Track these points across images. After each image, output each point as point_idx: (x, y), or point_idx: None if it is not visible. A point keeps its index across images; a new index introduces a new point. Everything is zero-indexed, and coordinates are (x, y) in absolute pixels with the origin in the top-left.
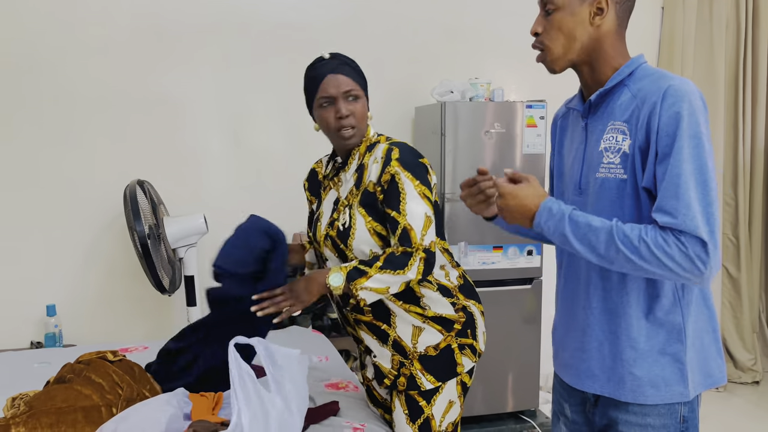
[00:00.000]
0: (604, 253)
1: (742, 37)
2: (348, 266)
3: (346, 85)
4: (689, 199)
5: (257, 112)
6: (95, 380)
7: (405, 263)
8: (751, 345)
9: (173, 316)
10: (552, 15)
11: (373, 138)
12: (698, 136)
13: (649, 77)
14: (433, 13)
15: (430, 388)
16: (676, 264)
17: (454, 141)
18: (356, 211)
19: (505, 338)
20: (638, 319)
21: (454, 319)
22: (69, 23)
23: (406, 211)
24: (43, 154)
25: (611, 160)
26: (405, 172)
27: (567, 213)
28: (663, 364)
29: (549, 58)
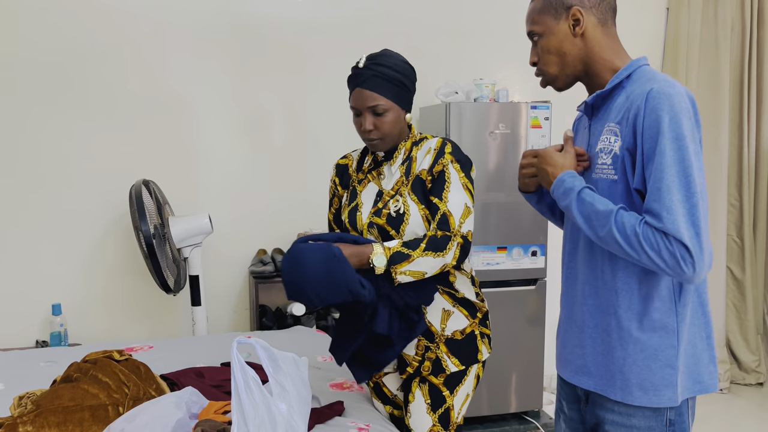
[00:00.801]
0: (601, 234)
1: (747, 38)
2: (392, 247)
3: (371, 100)
4: (671, 202)
5: (264, 112)
6: (102, 379)
7: (444, 245)
8: (755, 346)
9: (178, 315)
10: (539, 42)
11: (418, 135)
12: (680, 137)
13: (642, 79)
14: (438, 14)
15: (454, 371)
16: (662, 260)
17: (459, 142)
18: (408, 198)
19: (509, 339)
20: (629, 320)
21: (478, 306)
22: (76, 23)
23: (447, 198)
24: (49, 153)
25: (604, 161)
26: (455, 164)
27: (577, 189)
28: (653, 368)
29: (549, 79)
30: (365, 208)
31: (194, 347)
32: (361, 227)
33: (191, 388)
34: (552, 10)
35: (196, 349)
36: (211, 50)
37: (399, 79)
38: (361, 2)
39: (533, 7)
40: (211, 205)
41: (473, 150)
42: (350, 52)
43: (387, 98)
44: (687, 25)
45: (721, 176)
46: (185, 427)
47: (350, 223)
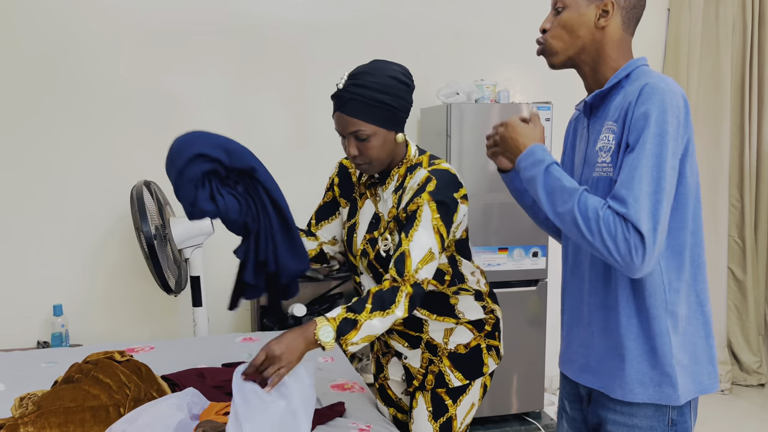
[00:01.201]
0: (560, 210)
1: (749, 38)
2: (337, 317)
3: (351, 125)
4: (639, 192)
5: (264, 113)
6: (103, 380)
7: (392, 300)
8: (756, 347)
9: (179, 316)
10: (561, 13)
11: (414, 158)
12: (663, 134)
13: (640, 77)
14: (439, 15)
15: (457, 385)
16: (615, 247)
17: (460, 142)
18: (398, 237)
19: (510, 340)
20: (628, 317)
21: (486, 320)
22: (75, 21)
23: (413, 237)
24: (50, 155)
25: (604, 159)
26: (431, 204)
27: (547, 162)
28: (652, 363)
29: (548, 50)
30: (361, 229)
31: (195, 348)
32: (356, 252)
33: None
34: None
35: (197, 349)
36: (211, 51)
37: (382, 101)
38: (361, 3)
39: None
40: None
41: (474, 151)
42: (350, 53)
43: (369, 123)
44: (688, 26)
45: (722, 177)
46: (186, 428)
47: (347, 243)
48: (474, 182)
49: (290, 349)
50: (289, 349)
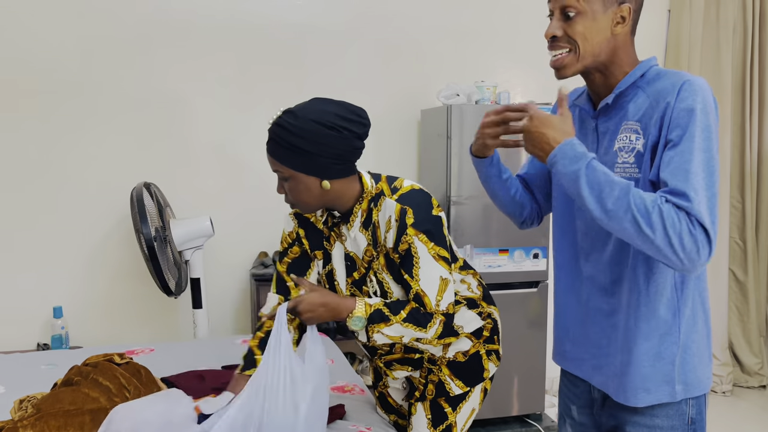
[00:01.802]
0: (611, 206)
1: (749, 40)
2: (372, 306)
3: (272, 165)
4: (698, 186)
5: (265, 114)
6: (102, 383)
7: (427, 322)
8: (758, 349)
9: (179, 318)
10: (573, 19)
11: (373, 190)
12: (709, 129)
13: (663, 77)
14: (440, 16)
15: (458, 393)
16: (680, 242)
17: (460, 144)
18: (386, 276)
19: (511, 341)
20: (636, 320)
21: (483, 326)
22: (76, 25)
23: (419, 276)
24: (49, 156)
25: (626, 160)
26: (419, 236)
27: (589, 157)
28: (657, 366)
29: (563, 62)
30: (339, 275)
31: (195, 350)
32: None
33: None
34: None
35: (197, 351)
36: (212, 53)
37: (298, 146)
38: (361, 4)
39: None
40: (213, 208)
41: None
42: (350, 54)
43: (286, 166)
44: (689, 27)
45: (723, 178)
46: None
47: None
48: (474, 184)
49: (313, 316)
50: (312, 315)
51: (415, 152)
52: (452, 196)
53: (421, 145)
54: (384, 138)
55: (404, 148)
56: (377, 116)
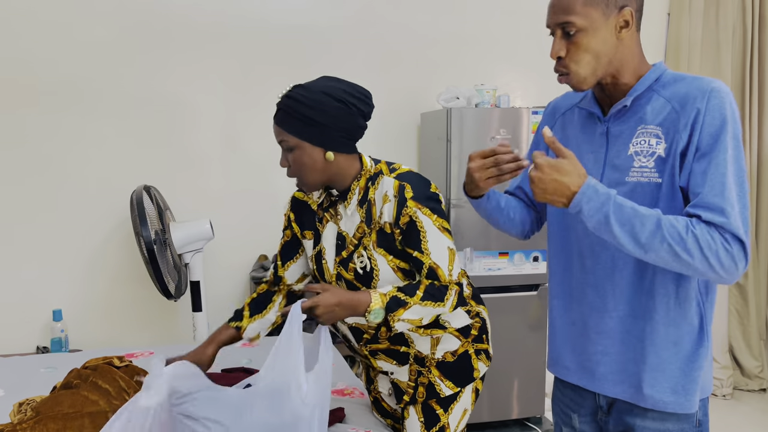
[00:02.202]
0: (645, 240)
1: (749, 42)
2: (386, 294)
3: (278, 135)
4: (732, 199)
5: (265, 116)
6: (102, 386)
7: (443, 295)
8: (758, 352)
9: (179, 321)
10: (574, 36)
11: (371, 169)
12: (739, 138)
13: (682, 81)
14: (439, 20)
15: (449, 394)
16: (718, 261)
17: (460, 147)
18: (375, 252)
19: (511, 345)
20: (665, 326)
21: (471, 324)
22: (80, 26)
23: (429, 250)
24: (49, 158)
25: (644, 164)
26: (422, 209)
27: (612, 195)
28: (685, 371)
29: (576, 80)
30: (329, 254)
31: None
32: (329, 278)
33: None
34: (603, 5)
35: None
36: (212, 55)
37: (307, 115)
38: (362, 7)
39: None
40: (213, 211)
41: None
42: (351, 57)
43: (292, 135)
44: (688, 30)
45: None
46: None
47: (318, 272)
48: None
49: (332, 316)
50: (331, 315)
51: (414, 155)
52: (452, 199)
53: (420, 148)
54: (384, 140)
55: (404, 150)
56: (377, 119)
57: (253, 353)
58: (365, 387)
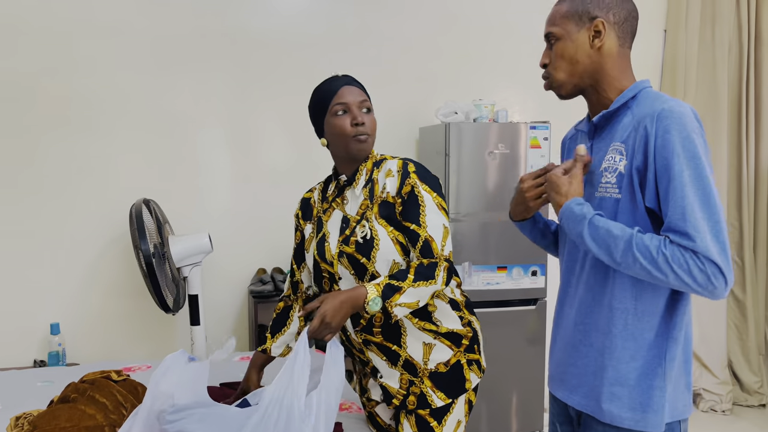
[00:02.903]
0: (620, 259)
1: (745, 59)
2: (380, 284)
3: (361, 96)
4: (696, 221)
5: (264, 132)
6: (99, 400)
7: (433, 273)
8: (757, 367)
9: (177, 335)
10: (555, 45)
11: (377, 156)
12: (696, 156)
13: (648, 99)
14: (438, 35)
15: (440, 405)
16: (692, 279)
17: (458, 161)
18: (376, 223)
19: (509, 359)
20: (623, 340)
21: (463, 333)
22: (79, 39)
23: (426, 223)
24: (48, 172)
25: (608, 180)
26: (423, 185)
27: (588, 217)
28: (644, 388)
29: (554, 84)
30: (332, 237)
31: None
32: (331, 258)
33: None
34: (576, 17)
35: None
36: (212, 69)
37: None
38: (361, 23)
39: (557, 9)
40: (211, 225)
41: (472, 170)
42: (351, 72)
43: (370, 101)
44: (684, 47)
45: (720, 197)
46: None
47: (319, 254)
48: (472, 201)
49: (341, 317)
50: (340, 316)
51: None
52: (450, 213)
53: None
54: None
55: None
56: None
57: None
58: (359, 395)
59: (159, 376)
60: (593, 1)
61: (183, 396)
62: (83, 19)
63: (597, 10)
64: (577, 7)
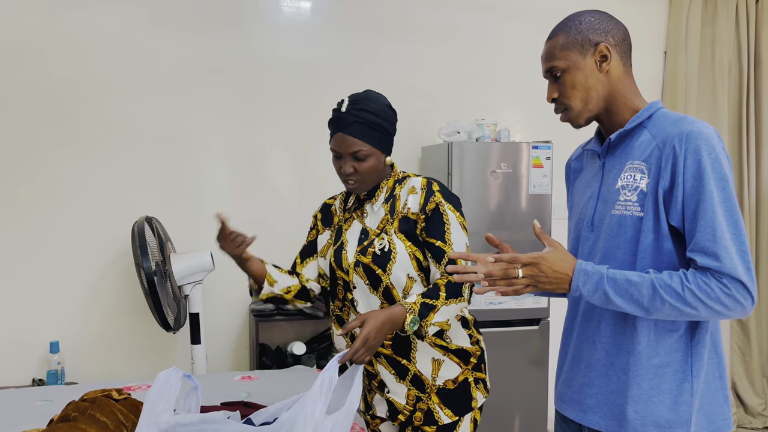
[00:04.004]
0: (648, 305)
1: (744, 80)
2: (416, 302)
3: (353, 146)
4: (726, 242)
5: (265, 149)
6: (100, 419)
7: (461, 290)
8: (761, 389)
9: (177, 353)
10: (561, 77)
11: (400, 174)
12: (724, 178)
13: (668, 119)
14: (441, 55)
15: (447, 422)
16: (722, 305)
17: (461, 181)
18: (395, 236)
19: (512, 380)
20: (647, 357)
21: (471, 351)
22: (85, 58)
23: (451, 241)
24: (50, 190)
25: (628, 198)
26: (447, 204)
27: (604, 273)
28: (668, 404)
29: (572, 115)
30: (350, 246)
31: None
32: (347, 267)
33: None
34: (578, 46)
35: None
36: (214, 89)
37: (381, 125)
38: (363, 43)
39: (553, 44)
40: (214, 243)
41: (475, 189)
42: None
43: (369, 144)
44: (685, 69)
45: None
46: None
47: (336, 262)
48: (475, 220)
49: (381, 338)
50: (381, 337)
51: None
52: None
53: None
54: None
55: None
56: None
57: (252, 387)
58: (364, 416)
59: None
60: (590, 29)
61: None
62: (88, 41)
63: (597, 36)
64: (575, 37)
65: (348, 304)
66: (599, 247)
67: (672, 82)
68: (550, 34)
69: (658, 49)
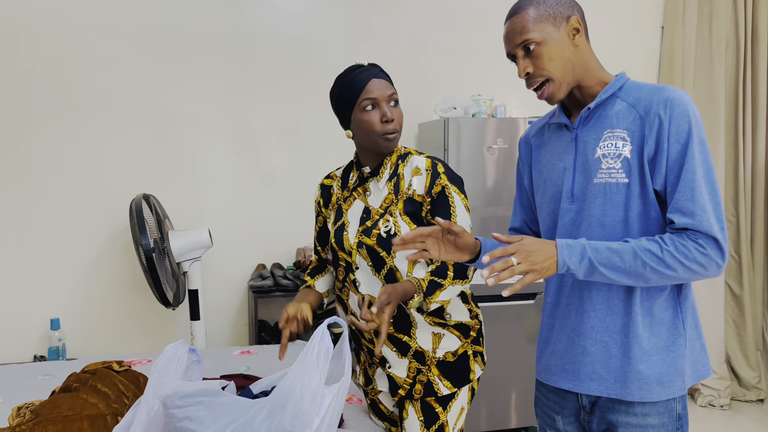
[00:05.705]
0: (630, 270)
1: (742, 55)
2: (425, 279)
3: (389, 88)
4: (704, 201)
5: (263, 127)
6: (101, 389)
7: (466, 271)
8: (755, 363)
9: (177, 329)
10: (536, 50)
11: (402, 149)
12: (704, 141)
13: (643, 89)
14: (437, 31)
15: (446, 393)
16: (699, 265)
17: (457, 156)
18: (400, 219)
19: (508, 354)
20: (643, 317)
21: (471, 325)
22: (80, 36)
23: (458, 223)
24: (48, 168)
25: (611, 166)
26: (453, 186)
27: (584, 243)
28: (667, 360)
29: (553, 88)
30: (352, 227)
31: None
32: (349, 248)
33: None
34: (550, 19)
35: None
36: (211, 66)
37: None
38: (360, 20)
39: (523, 17)
40: (211, 220)
41: (471, 165)
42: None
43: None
44: (682, 43)
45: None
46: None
47: (337, 243)
48: (471, 196)
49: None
50: (395, 304)
51: None
52: None
53: None
54: None
55: None
56: None
57: (251, 362)
58: (363, 389)
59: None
60: (558, 3)
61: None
62: (82, 18)
63: (566, 10)
64: (546, 10)
65: (349, 285)
66: (584, 216)
67: (669, 56)
68: (512, 10)
69: (655, 23)
